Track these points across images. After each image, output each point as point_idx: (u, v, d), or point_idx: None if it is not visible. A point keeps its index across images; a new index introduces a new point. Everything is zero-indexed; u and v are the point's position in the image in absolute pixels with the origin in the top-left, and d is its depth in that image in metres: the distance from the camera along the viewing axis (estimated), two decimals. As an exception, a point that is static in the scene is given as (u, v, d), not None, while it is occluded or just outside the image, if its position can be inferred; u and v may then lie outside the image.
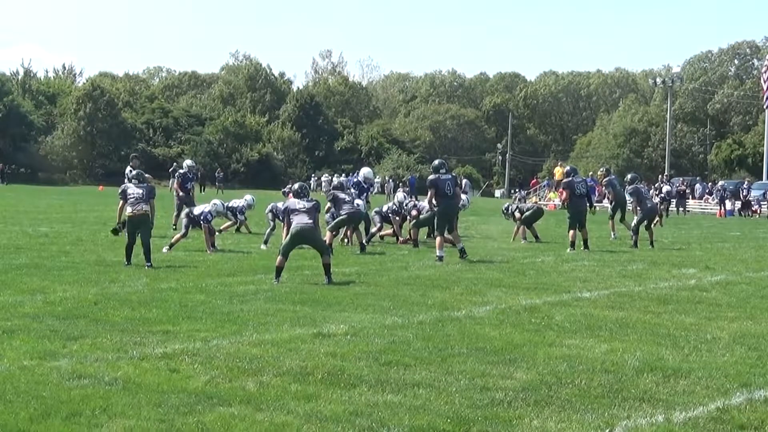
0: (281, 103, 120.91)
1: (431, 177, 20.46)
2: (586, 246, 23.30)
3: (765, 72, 73.99)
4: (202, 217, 21.16)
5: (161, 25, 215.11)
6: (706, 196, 66.88)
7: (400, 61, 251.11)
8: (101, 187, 73.45)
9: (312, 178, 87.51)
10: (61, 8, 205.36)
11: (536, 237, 26.13)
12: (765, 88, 72.56)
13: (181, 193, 28.04)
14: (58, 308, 12.00)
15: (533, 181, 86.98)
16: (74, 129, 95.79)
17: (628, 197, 26.85)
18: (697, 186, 70.02)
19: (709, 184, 71.80)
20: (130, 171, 25.77)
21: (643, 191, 26.12)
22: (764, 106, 75.30)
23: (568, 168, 26.63)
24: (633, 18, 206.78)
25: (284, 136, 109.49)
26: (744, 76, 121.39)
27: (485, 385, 8.27)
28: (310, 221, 15.97)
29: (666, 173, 72.88)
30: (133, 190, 18.57)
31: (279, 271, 15.49)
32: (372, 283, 15.49)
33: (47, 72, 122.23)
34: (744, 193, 58.14)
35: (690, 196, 63.64)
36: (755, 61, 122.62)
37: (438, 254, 19.63)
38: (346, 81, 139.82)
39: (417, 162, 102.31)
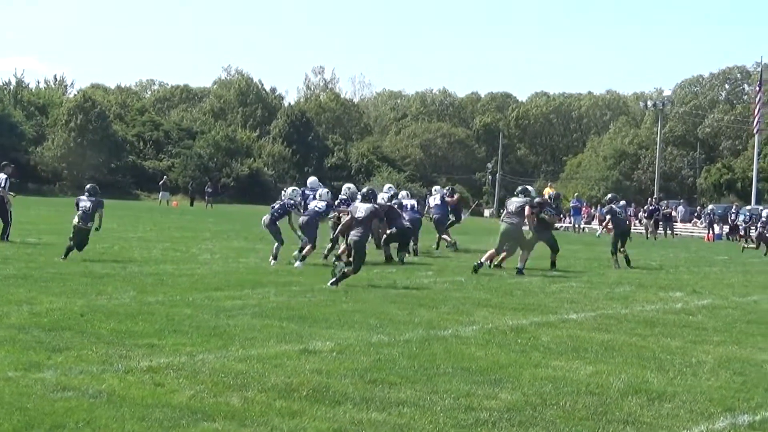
0: (272, 119, 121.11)
1: None
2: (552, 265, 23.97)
3: (756, 96, 74.17)
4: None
5: (154, 38, 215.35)
6: (695, 219, 66.98)
7: (392, 79, 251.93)
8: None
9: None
10: (54, 20, 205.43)
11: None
12: (756, 112, 72.75)
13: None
14: (44, 319, 11.96)
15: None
16: (65, 140, 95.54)
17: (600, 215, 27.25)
18: (680, 208, 70.15)
19: (698, 207, 71.91)
20: (6, 179, 26.05)
21: (618, 211, 26.11)
22: (754, 131, 75.57)
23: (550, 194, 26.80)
24: (625, 41, 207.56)
25: (275, 151, 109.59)
26: (734, 101, 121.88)
27: (470, 404, 8.27)
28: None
29: (655, 196, 73.00)
30: (84, 203, 21.39)
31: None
32: (359, 300, 15.48)
33: (39, 83, 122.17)
34: (732, 218, 58.23)
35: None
36: (746, 86, 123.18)
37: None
38: (337, 98, 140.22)
39: (407, 180, 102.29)
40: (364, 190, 20.30)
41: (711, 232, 58.62)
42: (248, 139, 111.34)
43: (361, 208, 18.18)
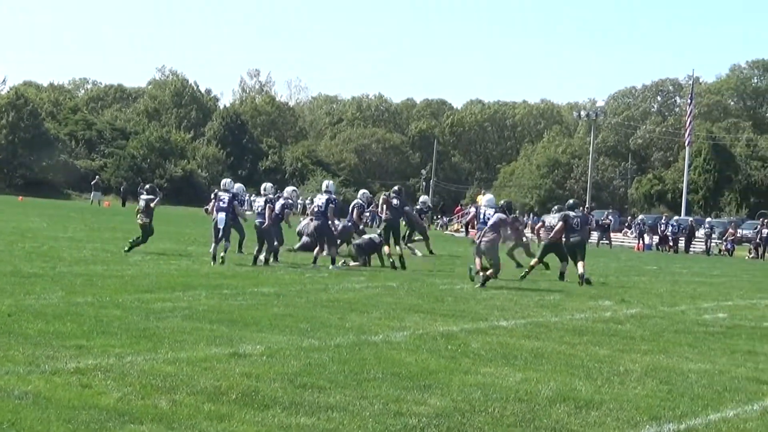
0: (207, 120, 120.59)
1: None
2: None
3: (688, 109, 75.14)
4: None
5: (88, 37, 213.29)
6: (625, 229, 67.69)
7: (328, 83, 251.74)
8: (21, 198, 72.49)
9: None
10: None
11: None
12: (687, 124, 73.69)
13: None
14: (-30, 319, 11.80)
15: (457, 209, 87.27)
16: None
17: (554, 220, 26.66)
18: (611, 218, 70.89)
19: (629, 217, 72.66)
20: None
21: (572, 221, 25.28)
22: (685, 143, 76.55)
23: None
24: (560, 51, 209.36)
25: (209, 153, 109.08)
26: (666, 113, 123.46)
27: (399, 410, 8.28)
28: None
29: (587, 205, 73.61)
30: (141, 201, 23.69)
31: None
32: (291, 304, 15.44)
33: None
34: (662, 228, 58.95)
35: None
36: (677, 98, 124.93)
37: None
38: (273, 101, 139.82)
39: (341, 185, 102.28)
40: (502, 202, 21.94)
41: (641, 242, 59.33)
42: (182, 141, 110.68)
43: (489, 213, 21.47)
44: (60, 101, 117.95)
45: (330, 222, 23.97)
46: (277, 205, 24.63)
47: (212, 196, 26.76)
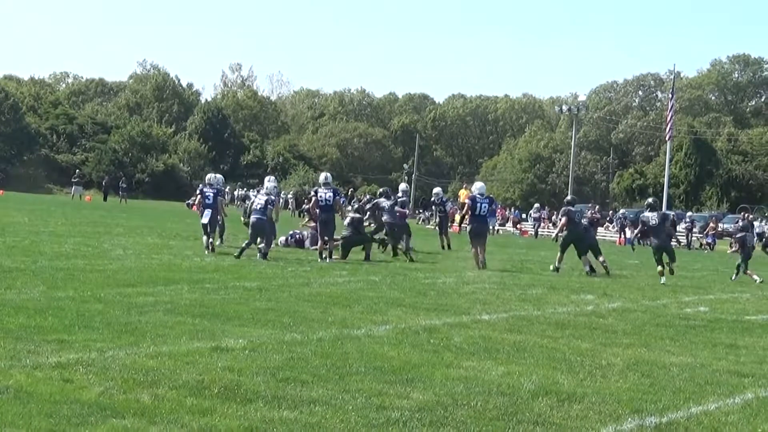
0: (189, 115, 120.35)
1: None
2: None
3: (669, 104, 75.31)
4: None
5: (69, 30, 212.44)
6: (607, 223, 67.86)
7: (310, 77, 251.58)
8: (1, 192, 72.19)
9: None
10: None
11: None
12: (668, 119, 73.87)
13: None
14: (-50, 313, 11.75)
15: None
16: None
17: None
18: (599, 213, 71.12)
19: (610, 212, 72.85)
20: None
21: (576, 215, 26.45)
22: (666, 138, 76.66)
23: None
24: (541, 45, 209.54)
25: (190, 147, 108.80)
26: (648, 108, 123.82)
27: (381, 404, 8.28)
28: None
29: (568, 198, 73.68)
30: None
31: None
32: (273, 298, 15.42)
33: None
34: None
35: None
36: (659, 93, 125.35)
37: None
38: (255, 95, 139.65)
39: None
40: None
41: (622, 236, 59.47)
42: (164, 135, 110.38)
43: None
44: (41, 95, 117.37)
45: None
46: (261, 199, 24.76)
47: (197, 191, 27.03)
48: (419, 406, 8.27)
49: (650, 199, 24.99)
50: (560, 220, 27.51)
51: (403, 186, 32.59)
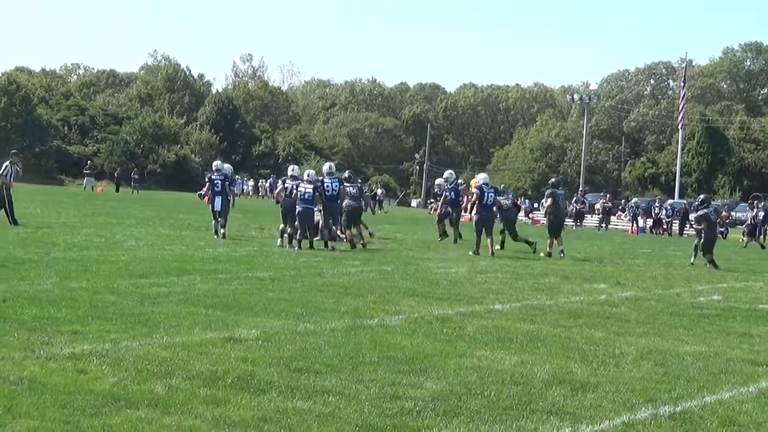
0: (200, 105, 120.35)
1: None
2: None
3: (681, 92, 75.09)
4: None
5: (80, 22, 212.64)
6: (619, 212, 67.73)
7: (321, 67, 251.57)
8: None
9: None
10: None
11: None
12: (680, 107, 73.67)
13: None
14: (-36, 305, 11.77)
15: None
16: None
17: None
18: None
19: (622, 201, 72.73)
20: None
21: (560, 198, 26.82)
22: (678, 126, 76.51)
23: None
24: (553, 34, 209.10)
25: (202, 138, 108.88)
26: (659, 96, 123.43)
27: (395, 394, 8.27)
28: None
29: (581, 189, 73.66)
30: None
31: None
32: (286, 289, 15.43)
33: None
34: (656, 211, 58.97)
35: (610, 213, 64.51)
36: (670, 81, 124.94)
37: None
38: (266, 85, 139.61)
39: (336, 169, 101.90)
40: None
41: (635, 225, 59.37)
42: (175, 126, 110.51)
43: None
44: (52, 87, 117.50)
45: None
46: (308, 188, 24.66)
47: (206, 179, 27.21)
48: (433, 396, 8.27)
49: (703, 196, 25.21)
50: (546, 202, 27.86)
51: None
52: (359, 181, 28.73)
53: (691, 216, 28.28)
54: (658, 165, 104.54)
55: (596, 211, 63.53)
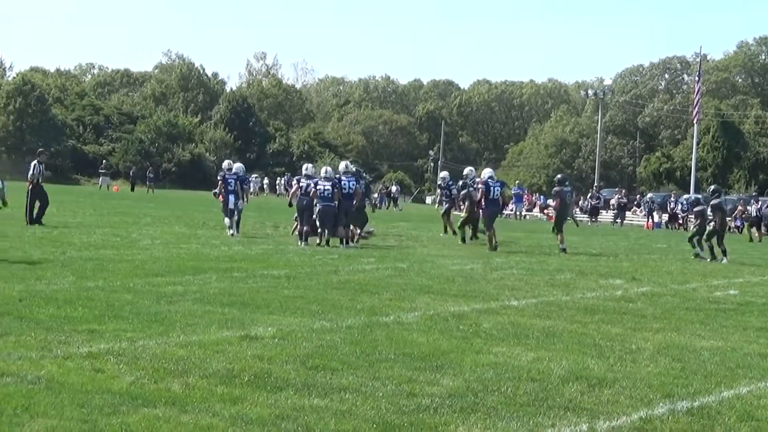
0: (214, 104, 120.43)
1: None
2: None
3: (696, 86, 74.86)
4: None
5: (94, 22, 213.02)
6: (634, 208, 67.61)
7: (335, 65, 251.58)
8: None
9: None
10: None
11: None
12: (695, 102, 73.46)
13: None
14: (-19, 305, 11.81)
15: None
16: (3, 124, 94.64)
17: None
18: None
19: (638, 196, 72.58)
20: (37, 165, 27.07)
21: (567, 195, 27.05)
22: (693, 121, 76.26)
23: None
24: (566, 30, 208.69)
25: (216, 137, 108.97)
26: (674, 91, 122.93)
27: (412, 390, 8.27)
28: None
29: (596, 184, 73.54)
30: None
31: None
32: (301, 286, 15.44)
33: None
34: (671, 206, 58.83)
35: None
36: (685, 76, 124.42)
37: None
38: (280, 83, 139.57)
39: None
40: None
41: (650, 220, 59.25)
42: (190, 125, 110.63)
43: None
44: (67, 87, 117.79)
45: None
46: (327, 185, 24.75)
47: (219, 178, 27.38)
48: (449, 393, 8.27)
49: (713, 186, 25.78)
50: (553, 203, 28.25)
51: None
52: (364, 174, 28.65)
53: (697, 208, 28.24)
54: (673, 160, 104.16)
55: (611, 207, 63.42)
